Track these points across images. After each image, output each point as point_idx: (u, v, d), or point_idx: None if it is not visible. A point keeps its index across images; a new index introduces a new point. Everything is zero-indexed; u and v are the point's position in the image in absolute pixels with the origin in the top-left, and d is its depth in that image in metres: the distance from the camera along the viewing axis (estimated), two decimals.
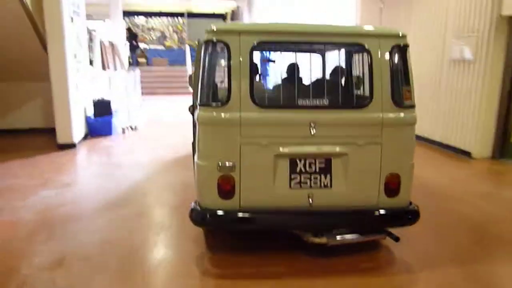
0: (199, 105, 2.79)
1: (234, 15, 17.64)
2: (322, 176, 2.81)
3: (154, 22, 21.30)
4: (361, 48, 2.97)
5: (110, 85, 8.33)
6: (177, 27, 21.53)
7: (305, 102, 2.85)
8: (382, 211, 2.87)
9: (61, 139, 6.41)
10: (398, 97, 2.82)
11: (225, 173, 2.72)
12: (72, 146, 6.44)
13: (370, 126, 2.80)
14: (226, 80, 2.75)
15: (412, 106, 2.88)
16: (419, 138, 6.86)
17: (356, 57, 3.67)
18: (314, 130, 2.73)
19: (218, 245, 3.21)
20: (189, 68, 16.64)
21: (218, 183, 2.73)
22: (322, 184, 2.81)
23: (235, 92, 2.69)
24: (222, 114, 2.69)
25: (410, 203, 2.98)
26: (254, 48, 2.74)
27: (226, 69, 2.73)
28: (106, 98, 7.66)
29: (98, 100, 7.39)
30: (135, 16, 21.04)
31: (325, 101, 2.86)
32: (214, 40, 2.73)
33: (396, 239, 2.97)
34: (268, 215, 2.83)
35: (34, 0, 5.95)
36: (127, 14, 20.33)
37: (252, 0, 15.42)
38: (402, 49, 2.89)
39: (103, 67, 11.26)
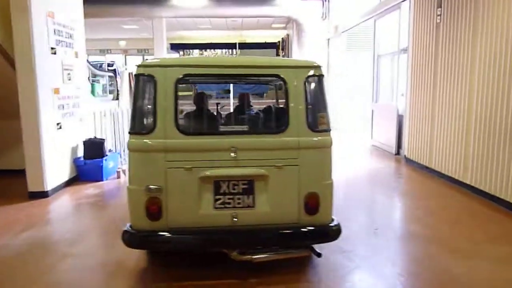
0: (129, 133, 3.02)
1: (284, 43, 16.59)
2: (245, 197, 3.04)
3: (208, 54, 21.08)
4: (278, 79, 3.15)
5: (114, 122, 7.46)
6: None
7: (226, 128, 3.34)
8: (303, 229, 3.06)
9: (32, 186, 5.53)
10: (313, 122, 3.07)
11: (152, 195, 2.93)
12: (43, 195, 5.52)
13: (288, 149, 3.04)
14: (152, 109, 2.95)
15: (327, 131, 3.11)
16: (500, 203, 4.87)
17: (275, 87, 4.12)
18: (235, 154, 2.96)
19: (158, 261, 3.46)
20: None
21: (146, 205, 2.93)
22: (246, 204, 3.04)
23: (161, 121, 2.93)
24: (149, 141, 2.94)
25: (333, 220, 3.17)
26: (178, 81, 2.98)
27: (153, 99, 2.94)
28: (99, 137, 6.77)
29: (89, 140, 6.49)
30: (190, 50, 20.99)
31: (245, 127, 3.29)
32: (143, 73, 2.99)
33: (319, 255, 3.15)
34: (195, 235, 3.01)
35: (6, 32, 5.29)
36: (182, 47, 20.38)
37: (302, 27, 14.20)
38: (316, 79, 3.13)
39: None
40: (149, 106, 2.98)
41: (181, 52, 20.67)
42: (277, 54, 18.17)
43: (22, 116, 5.38)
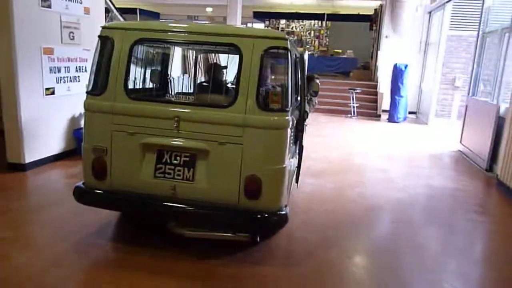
0: (86, 93, 3.09)
1: (377, 15, 14.09)
2: (186, 170, 2.94)
3: (296, 25, 19.33)
4: (234, 49, 2.96)
5: None
6: (319, 31, 19.02)
7: (172, 97, 3.49)
8: (240, 212, 2.90)
9: (10, 156, 4.94)
10: (264, 100, 2.91)
11: (98, 155, 3.00)
12: (21, 168, 4.89)
13: (232, 126, 2.85)
14: (105, 71, 3.00)
15: (280, 110, 2.86)
16: None
17: (231, 58, 3.82)
18: (177, 124, 2.88)
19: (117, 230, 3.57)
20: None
21: (92, 164, 3.02)
22: (185, 177, 2.94)
23: (111, 83, 2.98)
24: (99, 102, 3.00)
25: (283, 209, 2.94)
26: (134, 44, 3.00)
27: (107, 61, 2.99)
28: None
29: None
30: (276, 20, 19.47)
31: (191, 98, 3.42)
32: (103, 35, 3.04)
33: (255, 242, 3.16)
34: (135, 199, 3.00)
35: None
36: (266, 16, 19.00)
37: None
38: (278, 52, 2.91)
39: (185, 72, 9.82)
40: (104, 68, 3.01)
41: (267, 22, 19.33)
42: (371, 29, 15.72)
43: (1, 77, 4.72)
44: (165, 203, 2.94)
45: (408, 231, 3.93)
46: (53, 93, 5.21)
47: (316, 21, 18.66)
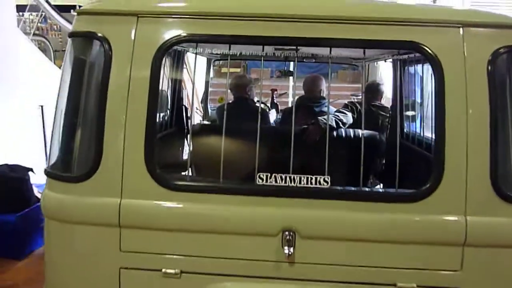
0: (45, 174, 1.54)
1: None
2: None
3: None
4: (417, 55, 1.55)
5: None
6: None
7: (273, 180, 1.47)
8: None
9: None
10: (509, 174, 1.36)
11: None
12: None
13: (433, 245, 1.37)
14: (96, 122, 1.43)
15: None
16: None
17: (406, 79, 2.20)
18: (290, 248, 1.37)
19: None
20: None
21: None
22: None
23: (112, 152, 1.41)
24: (80, 200, 1.42)
25: None
26: (163, 52, 1.45)
27: (98, 97, 1.43)
28: (18, 164, 3.49)
29: None
30: None
31: (323, 180, 1.46)
32: (82, 31, 1.48)
33: None
34: None
35: None
36: None
37: None
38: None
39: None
40: (88, 114, 1.45)
41: None
42: None
43: None
44: None
45: None
46: None
47: None
